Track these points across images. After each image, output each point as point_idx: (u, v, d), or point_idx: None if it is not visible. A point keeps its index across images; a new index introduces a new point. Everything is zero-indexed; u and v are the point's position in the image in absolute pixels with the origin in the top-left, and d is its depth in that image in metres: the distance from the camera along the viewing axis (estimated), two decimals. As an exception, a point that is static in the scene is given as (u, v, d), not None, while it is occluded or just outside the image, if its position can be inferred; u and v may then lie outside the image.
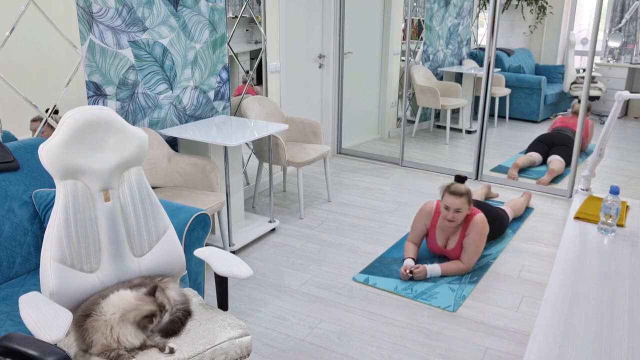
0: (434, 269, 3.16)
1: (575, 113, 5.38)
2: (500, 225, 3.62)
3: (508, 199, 4.39)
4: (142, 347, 1.69)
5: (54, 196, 2.31)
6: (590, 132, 5.51)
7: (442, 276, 3.19)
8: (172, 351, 1.67)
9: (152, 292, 1.73)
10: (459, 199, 3.10)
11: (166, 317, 1.79)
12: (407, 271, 3.13)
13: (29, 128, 2.81)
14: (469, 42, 6.51)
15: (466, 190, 3.14)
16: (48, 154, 1.74)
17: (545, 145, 5.18)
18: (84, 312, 1.69)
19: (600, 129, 6.61)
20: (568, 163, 4.88)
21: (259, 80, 4.38)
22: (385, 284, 3.12)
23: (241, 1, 4.04)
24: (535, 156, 5.11)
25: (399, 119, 6.12)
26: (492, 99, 6.53)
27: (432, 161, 5.34)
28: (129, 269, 1.93)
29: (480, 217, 3.20)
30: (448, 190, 3.15)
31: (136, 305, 1.67)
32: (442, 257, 3.39)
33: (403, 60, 5.96)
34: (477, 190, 4.23)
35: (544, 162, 5.18)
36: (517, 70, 6.68)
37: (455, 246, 3.26)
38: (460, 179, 3.18)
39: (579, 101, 5.36)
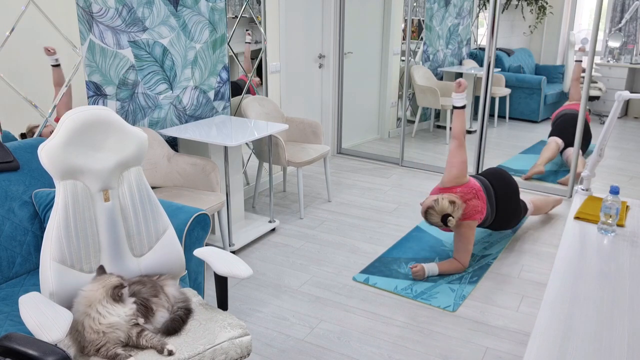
0: (431, 268, 3.17)
1: None
2: (513, 219, 3.54)
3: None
4: (140, 347, 1.68)
5: (54, 196, 2.31)
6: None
7: (441, 275, 3.20)
8: (170, 353, 1.67)
9: (101, 272, 1.79)
10: (445, 227, 3.17)
11: (166, 316, 1.79)
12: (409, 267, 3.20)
13: None
14: (469, 42, 6.51)
15: (440, 213, 3.10)
16: (48, 154, 1.74)
17: (561, 130, 5.06)
18: None
19: (600, 128, 6.61)
20: (584, 151, 4.95)
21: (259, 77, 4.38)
22: (385, 284, 3.12)
23: (241, 1, 4.04)
24: (558, 141, 4.98)
25: (399, 119, 6.11)
26: (492, 99, 6.53)
27: (432, 161, 5.34)
28: (129, 269, 1.93)
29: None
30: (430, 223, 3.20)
31: (98, 286, 1.71)
32: (443, 255, 3.39)
33: (403, 60, 5.96)
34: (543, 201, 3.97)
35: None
36: (517, 70, 6.68)
37: None
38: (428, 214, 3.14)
39: None
